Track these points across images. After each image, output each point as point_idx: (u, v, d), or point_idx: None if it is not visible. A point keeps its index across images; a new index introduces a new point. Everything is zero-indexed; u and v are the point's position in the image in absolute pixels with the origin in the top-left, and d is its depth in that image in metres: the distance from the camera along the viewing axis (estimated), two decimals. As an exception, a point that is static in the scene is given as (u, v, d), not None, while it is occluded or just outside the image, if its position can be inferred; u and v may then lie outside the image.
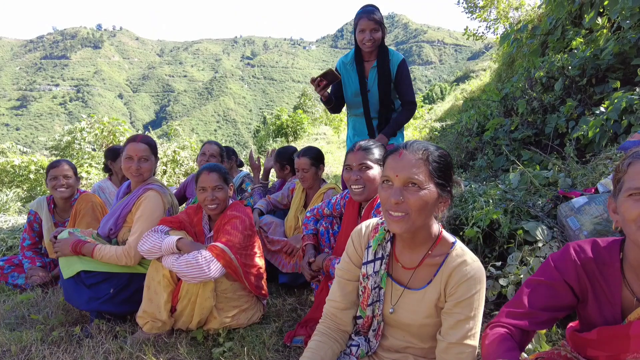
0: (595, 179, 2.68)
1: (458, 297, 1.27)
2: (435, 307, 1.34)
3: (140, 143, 2.48)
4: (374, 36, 2.84)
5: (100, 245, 2.32)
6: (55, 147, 10.39)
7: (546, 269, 1.23)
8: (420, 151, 1.24)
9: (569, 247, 1.20)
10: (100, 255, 2.29)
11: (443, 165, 1.25)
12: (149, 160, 2.49)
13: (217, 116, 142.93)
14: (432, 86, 43.77)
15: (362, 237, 1.47)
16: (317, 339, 1.46)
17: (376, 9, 2.92)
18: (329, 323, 1.51)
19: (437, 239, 1.34)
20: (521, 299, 1.23)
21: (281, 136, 16.48)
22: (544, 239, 2.34)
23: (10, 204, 6.84)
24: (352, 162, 2.03)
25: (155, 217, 2.39)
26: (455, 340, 1.26)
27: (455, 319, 1.27)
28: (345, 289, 1.49)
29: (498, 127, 4.89)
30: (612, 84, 3.73)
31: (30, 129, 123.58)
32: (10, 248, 3.94)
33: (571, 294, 1.18)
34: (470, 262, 1.30)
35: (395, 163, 1.25)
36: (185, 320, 2.17)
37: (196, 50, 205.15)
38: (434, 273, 1.34)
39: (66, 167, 3.01)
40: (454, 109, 13.77)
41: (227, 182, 2.34)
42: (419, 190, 1.21)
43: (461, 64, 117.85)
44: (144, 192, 2.45)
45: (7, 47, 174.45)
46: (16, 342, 2.16)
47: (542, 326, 1.21)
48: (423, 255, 1.35)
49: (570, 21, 5.56)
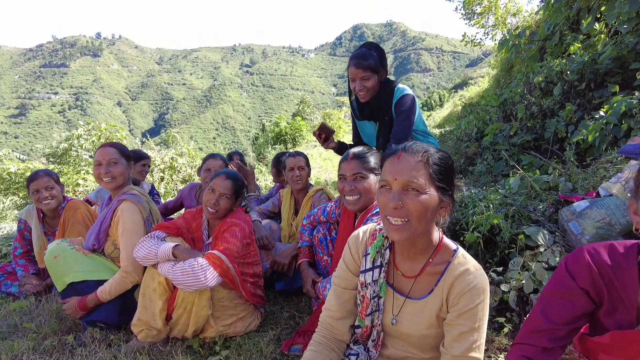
0: (597, 182, 2.65)
1: (461, 307, 1.22)
2: (436, 317, 1.28)
3: (108, 147, 2.40)
4: (366, 85, 2.48)
5: (100, 288, 2.25)
6: (52, 154, 10.34)
7: (559, 276, 1.18)
8: (419, 153, 1.18)
9: (582, 251, 1.15)
10: (106, 292, 2.22)
11: (444, 168, 1.19)
12: (118, 163, 2.39)
13: (215, 124, 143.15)
14: (431, 93, 43.94)
15: (360, 243, 1.41)
16: (313, 349, 1.41)
17: (369, 52, 2.50)
18: (325, 332, 1.45)
19: (438, 246, 1.29)
20: (538, 314, 1.19)
21: (280, 143, 16.47)
22: (546, 243, 2.30)
23: (6, 212, 6.79)
24: (346, 172, 1.95)
25: (137, 229, 2.30)
26: (460, 353, 1.21)
27: (459, 331, 1.22)
28: (342, 298, 1.43)
29: (497, 132, 4.88)
30: (611, 88, 3.72)
31: (29, 137, 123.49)
32: (5, 256, 3.88)
33: (588, 300, 1.13)
34: (473, 270, 1.24)
35: (393, 166, 1.19)
36: (181, 328, 2.12)
37: (195, 58, 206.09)
38: (435, 282, 1.28)
39: (45, 178, 2.90)
40: (453, 116, 13.81)
41: (237, 194, 2.31)
42: (419, 194, 1.15)
43: (459, 71, 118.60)
44: (119, 204, 2.36)
45: (6, 56, 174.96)
46: (7, 352, 2.11)
47: (564, 341, 1.16)
48: (423, 263, 1.30)
49: (568, 26, 5.57)
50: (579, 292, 1.13)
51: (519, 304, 2.14)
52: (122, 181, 2.41)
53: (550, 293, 1.18)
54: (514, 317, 2.12)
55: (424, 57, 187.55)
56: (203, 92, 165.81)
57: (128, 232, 2.29)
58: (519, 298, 2.15)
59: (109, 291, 2.22)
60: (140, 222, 2.33)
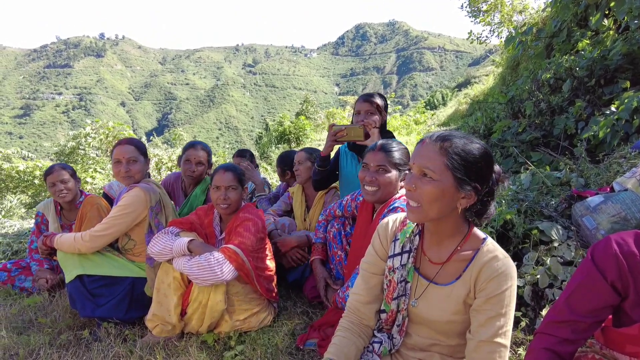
0: (610, 177, 2.64)
1: (488, 293, 1.23)
2: (463, 303, 1.30)
3: (127, 145, 2.45)
4: (370, 119, 2.53)
5: (61, 234, 2.39)
6: (60, 152, 10.40)
7: (585, 266, 1.17)
8: (440, 142, 1.20)
9: (610, 240, 1.13)
10: (60, 243, 2.34)
11: (467, 160, 1.19)
12: (137, 162, 2.45)
13: (219, 123, 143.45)
14: (434, 92, 43.84)
15: (389, 230, 1.45)
16: (341, 335, 1.43)
17: (377, 95, 2.60)
18: (353, 317, 1.47)
19: (467, 234, 1.31)
20: (562, 304, 1.18)
21: (283, 142, 16.47)
22: (560, 238, 2.30)
23: (15, 210, 6.82)
24: (370, 162, 1.96)
25: (130, 211, 2.35)
26: (486, 338, 1.21)
27: (486, 316, 1.23)
28: (370, 282, 1.46)
29: (505, 129, 4.87)
30: (621, 84, 3.71)
31: (33, 137, 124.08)
32: (16, 252, 3.91)
33: (614, 293, 1.11)
34: (502, 257, 1.26)
35: (416, 151, 1.25)
36: (196, 323, 2.12)
37: (198, 58, 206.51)
38: (464, 268, 1.30)
39: (62, 172, 2.95)
40: (457, 114, 13.77)
41: (241, 183, 2.31)
42: (431, 181, 1.18)
43: (462, 70, 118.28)
44: (128, 190, 2.42)
45: (11, 57, 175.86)
46: (24, 346, 2.12)
47: (586, 333, 1.15)
48: (451, 250, 1.32)
49: (575, 23, 5.55)
50: (605, 284, 1.11)
51: (533, 299, 2.14)
52: (139, 178, 2.48)
53: (575, 284, 1.17)
54: (529, 312, 2.11)
55: (427, 56, 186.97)
56: (206, 92, 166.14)
57: (119, 208, 2.35)
58: (533, 293, 2.14)
59: (62, 242, 2.33)
60: (137, 207, 2.37)
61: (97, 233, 2.31)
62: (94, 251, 2.36)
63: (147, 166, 2.56)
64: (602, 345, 1.25)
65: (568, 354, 1.16)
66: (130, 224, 2.39)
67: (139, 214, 2.39)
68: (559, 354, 1.15)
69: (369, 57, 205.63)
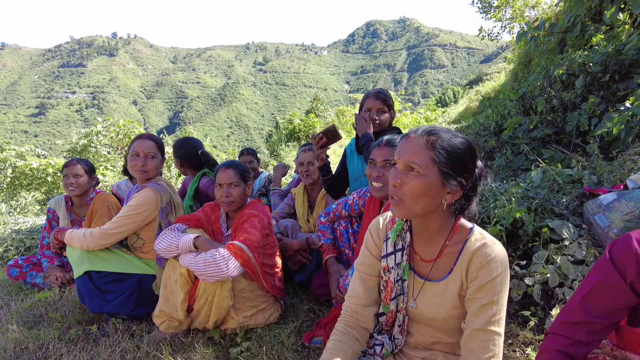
0: (624, 175, 2.58)
1: (480, 281, 1.21)
2: (458, 296, 1.28)
3: (147, 140, 2.48)
4: (380, 117, 2.59)
5: (72, 229, 2.41)
6: (72, 150, 10.57)
7: (603, 265, 1.11)
8: (425, 136, 1.19)
9: (630, 238, 1.06)
10: (71, 238, 2.35)
11: (453, 154, 1.17)
12: (155, 158, 2.48)
13: (229, 122, 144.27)
14: (445, 89, 43.50)
15: (380, 229, 1.43)
16: (336, 339, 1.39)
17: (385, 93, 2.66)
18: (349, 320, 1.44)
19: (454, 227, 1.28)
20: (577, 305, 1.13)
21: (293, 140, 16.50)
22: (571, 237, 2.25)
23: (29, 207, 6.94)
24: (376, 158, 1.96)
25: (140, 211, 2.37)
26: (479, 326, 1.20)
27: (479, 304, 1.21)
28: (368, 284, 1.43)
29: (516, 126, 4.79)
30: (637, 80, 3.62)
31: (48, 136, 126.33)
32: (29, 248, 3.98)
33: (632, 294, 1.06)
34: (491, 244, 1.23)
35: (401, 146, 1.22)
36: (202, 319, 2.14)
37: (209, 56, 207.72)
38: (454, 262, 1.28)
39: (78, 166, 3.02)
40: (469, 111, 13.63)
41: (244, 179, 2.32)
42: (418, 176, 1.16)
43: (474, 67, 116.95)
44: (139, 190, 2.45)
45: (26, 57, 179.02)
46: (34, 340, 2.15)
47: (601, 335, 1.11)
48: (441, 246, 1.30)
49: (589, 17, 5.44)
50: (624, 285, 1.06)
51: (543, 298, 2.10)
52: (153, 174, 2.51)
53: (592, 284, 1.12)
54: (539, 311, 2.08)
55: (438, 53, 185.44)
56: (217, 91, 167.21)
57: (128, 208, 2.37)
58: (543, 292, 2.10)
59: (72, 237, 2.35)
60: (148, 208, 2.39)
61: (107, 231, 2.34)
62: (102, 248, 2.38)
63: (162, 164, 2.58)
64: (614, 345, 1.22)
65: (581, 356, 1.12)
66: (140, 223, 2.41)
67: (149, 215, 2.41)
68: (572, 356, 1.11)
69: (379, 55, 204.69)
